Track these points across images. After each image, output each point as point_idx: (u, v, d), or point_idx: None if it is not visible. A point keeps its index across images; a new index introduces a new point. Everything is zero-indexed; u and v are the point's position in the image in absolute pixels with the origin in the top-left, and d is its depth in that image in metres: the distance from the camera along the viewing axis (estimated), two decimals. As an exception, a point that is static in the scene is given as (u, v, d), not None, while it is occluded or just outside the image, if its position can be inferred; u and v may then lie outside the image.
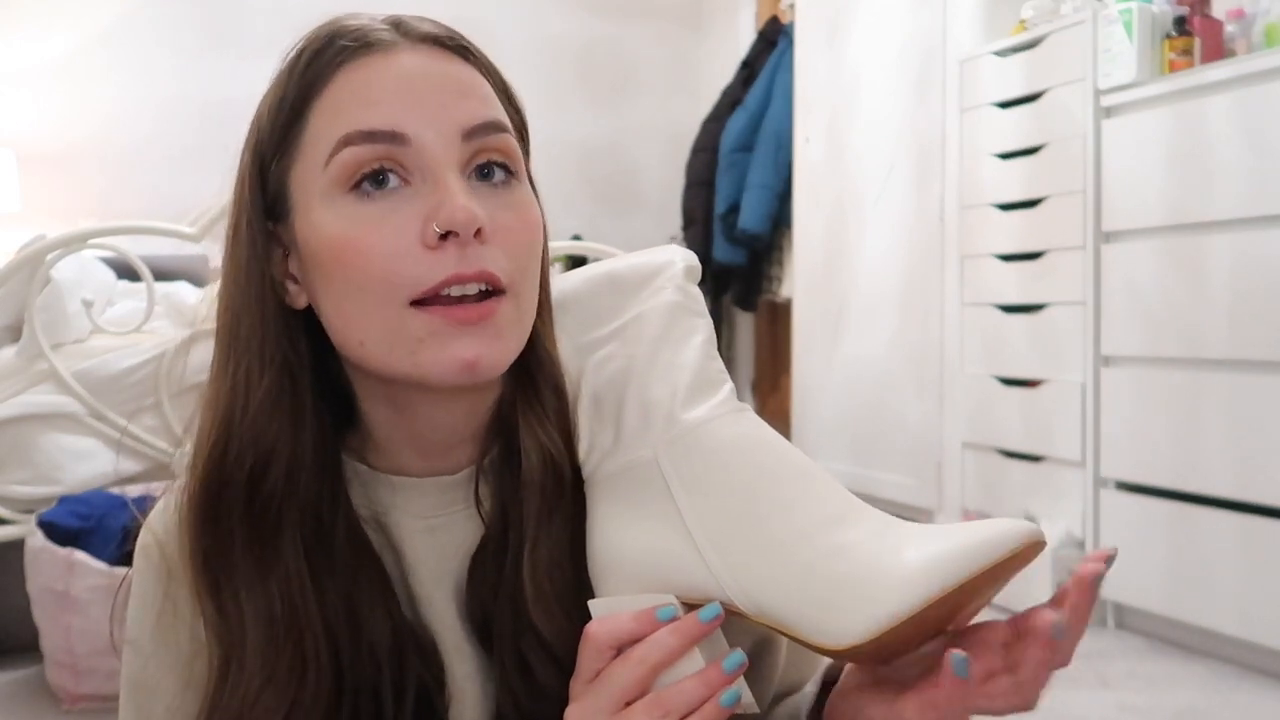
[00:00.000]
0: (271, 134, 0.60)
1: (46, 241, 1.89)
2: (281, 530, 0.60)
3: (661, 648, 0.54)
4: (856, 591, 0.49)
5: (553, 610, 0.60)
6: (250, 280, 0.60)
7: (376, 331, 0.57)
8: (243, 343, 0.60)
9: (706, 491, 0.54)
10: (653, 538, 0.55)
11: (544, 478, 0.61)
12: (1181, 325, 2.19)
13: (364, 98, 0.57)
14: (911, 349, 3.04)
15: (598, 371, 0.61)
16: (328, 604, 0.60)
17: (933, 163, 2.95)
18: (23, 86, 3.58)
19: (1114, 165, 2.35)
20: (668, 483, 0.55)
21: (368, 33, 0.59)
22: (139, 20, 3.75)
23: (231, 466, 0.60)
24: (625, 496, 0.57)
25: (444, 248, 0.56)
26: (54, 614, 1.77)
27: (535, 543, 0.61)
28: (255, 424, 0.59)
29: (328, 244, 0.57)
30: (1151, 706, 1.94)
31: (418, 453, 0.64)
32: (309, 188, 0.58)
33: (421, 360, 0.57)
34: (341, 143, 0.57)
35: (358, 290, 0.57)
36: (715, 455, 0.55)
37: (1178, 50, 2.25)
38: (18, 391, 1.85)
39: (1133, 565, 2.32)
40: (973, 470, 2.79)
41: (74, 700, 1.80)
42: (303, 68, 0.59)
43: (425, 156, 0.57)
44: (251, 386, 0.60)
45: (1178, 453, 2.20)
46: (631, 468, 0.57)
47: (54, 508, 1.83)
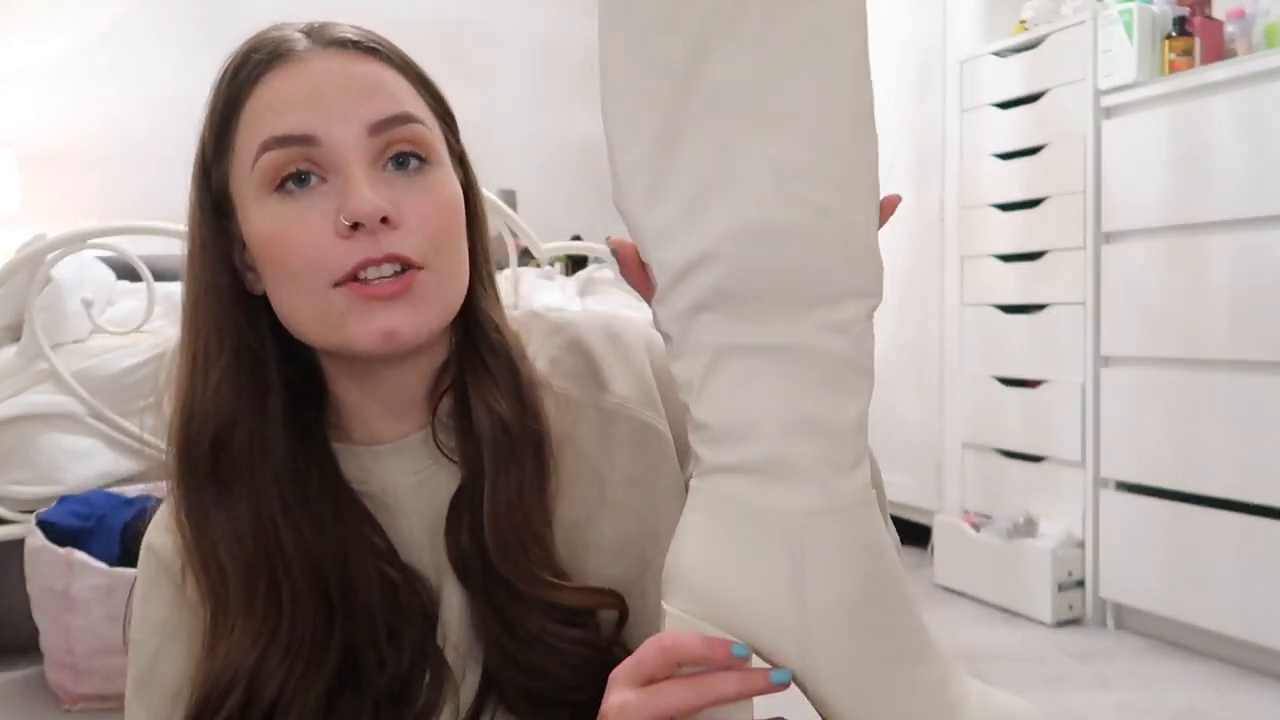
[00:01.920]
0: (210, 141, 0.67)
1: (46, 241, 1.89)
2: (253, 482, 0.66)
3: (725, 689, 0.54)
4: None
5: (513, 555, 0.66)
6: (204, 269, 0.67)
7: (309, 312, 0.64)
8: (200, 324, 0.67)
9: (829, 578, 0.53)
10: (754, 587, 0.54)
11: (494, 434, 0.67)
12: (1181, 325, 2.19)
13: (277, 106, 0.64)
14: (911, 349, 3.04)
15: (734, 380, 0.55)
16: (308, 544, 0.66)
17: (933, 163, 2.95)
18: (23, 86, 3.58)
19: (1114, 165, 2.35)
20: (797, 550, 0.53)
21: (280, 44, 0.66)
22: (139, 20, 3.74)
23: (196, 434, 0.66)
24: (733, 528, 0.55)
25: (356, 236, 0.62)
26: (54, 614, 1.77)
27: (493, 490, 0.67)
28: (216, 395, 0.66)
29: (262, 239, 0.64)
30: (1151, 706, 1.94)
31: (387, 416, 0.70)
32: (243, 190, 0.65)
33: (348, 333, 0.63)
34: (261, 148, 0.63)
35: (289, 277, 0.64)
36: (848, 547, 0.54)
37: (1178, 50, 2.25)
38: (18, 391, 1.85)
39: (1133, 565, 2.32)
40: (973, 470, 2.79)
41: (74, 700, 1.80)
42: (227, 81, 0.66)
43: (335, 154, 0.63)
44: (209, 366, 0.66)
45: (1178, 453, 2.20)
46: (750, 509, 0.54)
47: (54, 508, 1.83)
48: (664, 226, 0.54)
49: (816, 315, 0.54)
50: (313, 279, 0.63)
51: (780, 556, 0.53)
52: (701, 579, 0.55)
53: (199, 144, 0.67)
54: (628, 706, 0.54)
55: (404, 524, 0.69)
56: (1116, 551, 2.36)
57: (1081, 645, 2.29)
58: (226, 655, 0.64)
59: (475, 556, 0.67)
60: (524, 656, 0.66)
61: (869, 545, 0.54)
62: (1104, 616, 2.42)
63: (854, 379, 0.55)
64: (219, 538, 0.65)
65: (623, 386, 0.73)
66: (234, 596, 0.65)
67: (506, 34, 4.27)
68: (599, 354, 0.74)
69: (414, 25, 4.70)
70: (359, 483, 0.70)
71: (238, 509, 0.66)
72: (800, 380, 0.54)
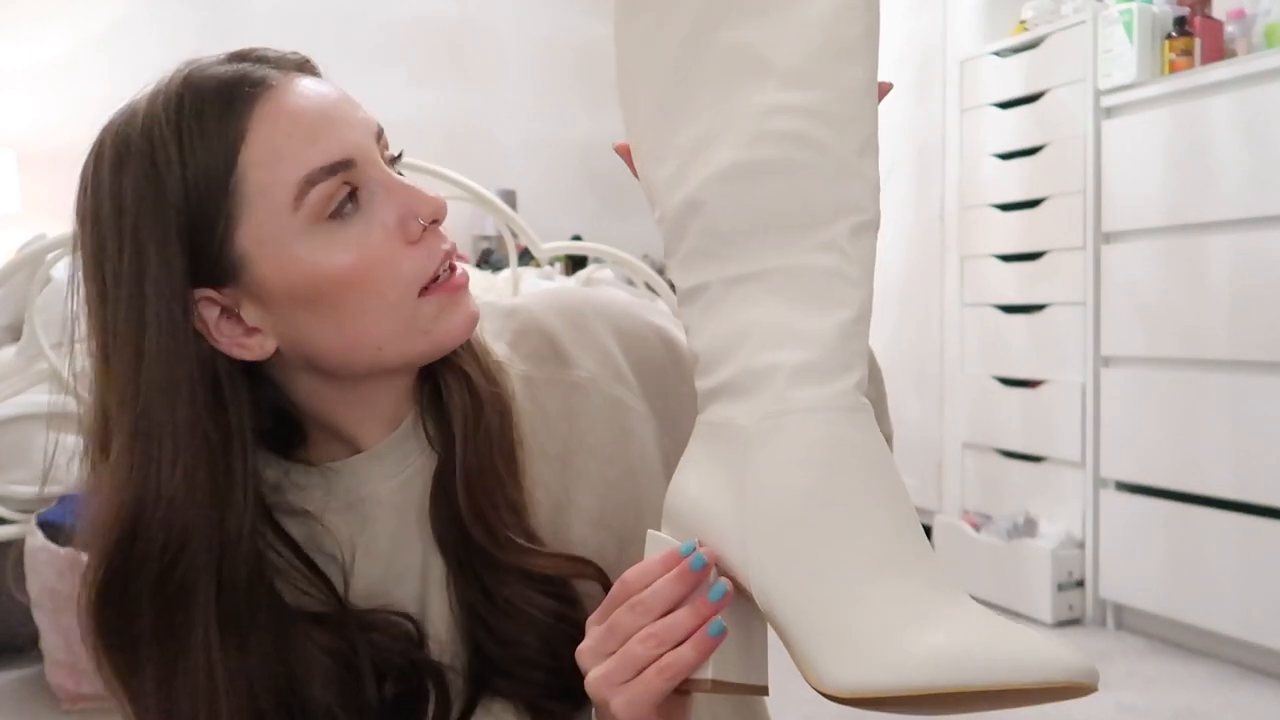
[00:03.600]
0: (200, 205, 0.58)
1: (46, 241, 1.89)
2: (192, 614, 0.60)
3: (664, 597, 0.54)
4: (857, 649, 0.48)
5: (487, 520, 0.65)
6: (169, 365, 0.59)
7: (392, 329, 0.62)
8: (155, 429, 0.59)
9: (773, 481, 0.52)
10: (710, 495, 0.55)
11: (462, 400, 0.67)
12: (1181, 325, 2.19)
13: (301, 136, 0.59)
14: (911, 349, 3.04)
15: (724, 309, 0.56)
16: (253, 674, 0.62)
17: (933, 163, 2.95)
18: (23, 86, 3.58)
19: (1114, 165, 2.35)
20: (747, 454, 0.53)
21: (244, 80, 0.60)
22: (139, 20, 3.74)
23: (139, 558, 0.60)
24: (709, 448, 0.56)
25: (425, 237, 0.62)
26: (54, 614, 1.77)
27: (464, 457, 0.66)
28: (170, 507, 0.59)
29: (329, 273, 0.60)
30: (1151, 706, 1.94)
31: (376, 423, 0.68)
32: (273, 235, 0.59)
33: (437, 334, 0.63)
34: (306, 183, 0.59)
35: (370, 301, 0.61)
36: (804, 450, 0.52)
37: (1178, 51, 2.25)
38: (18, 391, 1.85)
39: (1133, 565, 2.32)
40: (973, 470, 2.79)
41: (74, 700, 1.80)
42: (212, 125, 0.58)
43: (367, 169, 0.62)
44: (163, 470, 0.59)
45: (1178, 453, 2.20)
46: (723, 428, 0.55)
47: (54, 508, 1.83)
48: (665, 179, 0.57)
49: (804, 239, 0.54)
50: (401, 292, 0.61)
51: (733, 464, 0.54)
52: (677, 500, 0.57)
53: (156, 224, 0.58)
54: (590, 651, 0.56)
55: (385, 529, 0.68)
56: (1116, 551, 2.36)
57: (1081, 645, 2.29)
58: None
59: (454, 527, 0.66)
60: (503, 627, 0.66)
61: (834, 447, 0.52)
62: (1104, 616, 2.42)
63: (840, 289, 0.54)
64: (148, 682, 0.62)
65: (589, 362, 0.73)
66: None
67: (506, 34, 4.26)
68: (557, 332, 0.74)
69: (414, 25, 4.68)
70: (325, 507, 0.67)
71: (175, 650, 0.61)
72: (780, 295, 0.54)
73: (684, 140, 0.56)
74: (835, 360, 0.53)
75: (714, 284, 0.55)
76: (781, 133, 0.54)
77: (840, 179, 0.54)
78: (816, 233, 0.54)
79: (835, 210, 0.54)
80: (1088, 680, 0.45)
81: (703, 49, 0.56)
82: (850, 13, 0.55)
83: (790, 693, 0.70)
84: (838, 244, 0.54)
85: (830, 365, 0.53)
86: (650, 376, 0.74)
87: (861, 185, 0.55)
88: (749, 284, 0.55)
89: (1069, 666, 0.45)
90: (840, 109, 0.54)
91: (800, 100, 0.54)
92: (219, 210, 0.59)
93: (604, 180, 4.31)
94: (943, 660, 0.46)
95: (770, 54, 0.55)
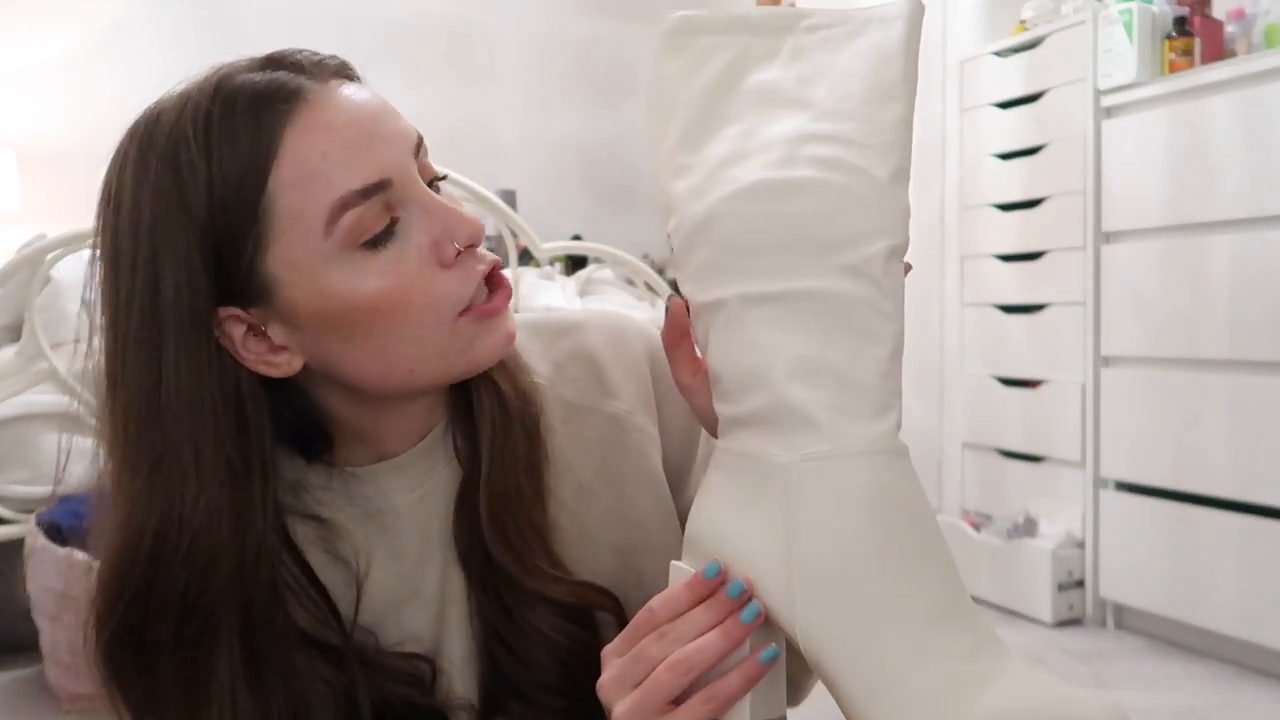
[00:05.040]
0: (227, 225, 0.56)
1: (46, 241, 1.89)
2: (217, 644, 0.58)
3: (695, 624, 0.52)
4: (917, 706, 0.47)
5: (511, 542, 0.64)
6: (191, 386, 0.57)
7: (430, 353, 0.60)
8: (174, 459, 0.57)
9: (822, 526, 0.50)
10: (746, 532, 0.52)
11: (491, 415, 0.65)
12: (1181, 325, 2.19)
13: (336, 156, 0.56)
14: (911, 349, 3.01)
15: (746, 330, 0.54)
16: (270, 704, 0.60)
17: (933, 163, 2.95)
18: (23, 86, 3.58)
19: (1114, 165, 2.35)
20: (789, 497, 0.51)
21: (287, 86, 0.57)
22: (138, 21, 3.74)
23: (162, 594, 0.57)
24: (740, 481, 0.53)
25: (462, 260, 0.60)
26: (54, 614, 1.76)
27: (489, 477, 0.64)
28: (194, 543, 0.57)
29: (358, 303, 0.57)
30: (1151, 707, 1.94)
31: (400, 435, 0.67)
32: (304, 259, 0.57)
33: (475, 354, 0.61)
34: (339, 207, 0.56)
35: (404, 328, 0.59)
36: (847, 494, 0.50)
37: (1178, 50, 2.25)
38: (17, 391, 1.85)
39: (1133, 565, 2.32)
40: (973, 470, 2.79)
41: (74, 700, 1.80)
42: (248, 142, 0.56)
43: (405, 189, 0.59)
44: (186, 506, 0.57)
45: (1178, 453, 2.20)
46: (756, 462, 0.53)
47: (54, 508, 1.83)
48: (686, 190, 0.56)
49: (829, 260, 0.52)
50: (438, 318, 0.59)
51: (774, 503, 0.51)
52: (707, 532, 0.54)
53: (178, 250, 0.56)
54: (612, 683, 0.54)
55: (407, 542, 0.67)
56: (1116, 551, 2.36)
57: (1081, 645, 2.29)
58: None
59: (477, 542, 0.65)
60: (523, 648, 0.64)
61: (880, 494, 0.50)
62: (1104, 616, 2.42)
63: (874, 323, 0.52)
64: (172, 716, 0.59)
65: (628, 393, 0.72)
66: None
67: (506, 34, 4.26)
68: (605, 360, 0.72)
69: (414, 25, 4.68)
70: (345, 513, 0.66)
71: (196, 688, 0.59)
72: (811, 325, 0.52)
73: (710, 156, 0.56)
74: (875, 401, 0.52)
75: (731, 301, 0.53)
76: (812, 156, 0.54)
77: (873, 201, 0.53)
78: (844, 254, 0.52)
79: (864, 231, 0.53)
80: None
81: (738, 85, 0.57)
82: (892, 60, 0.55)
83: (790, 692, 0.69)
84: (869, 271, 0.52)
85: (870, 406, 0.51)
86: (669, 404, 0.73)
87: (895, 209, 0.54)
88: (772, 305, 0.53)
89: (1109, 712, 0.46)
90: (875, 139, 0.54)
91: (834, 129, 0.54)
92: (247, 231, 0.56)
93: (604, 180, 4.31)
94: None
95: (805, 94, 0.56)
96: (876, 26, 0.57)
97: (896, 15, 0.56)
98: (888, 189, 0.54)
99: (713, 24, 0.59)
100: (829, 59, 0.56)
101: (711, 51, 0.58)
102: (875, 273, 0.52)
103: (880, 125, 0.54)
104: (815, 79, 0.56)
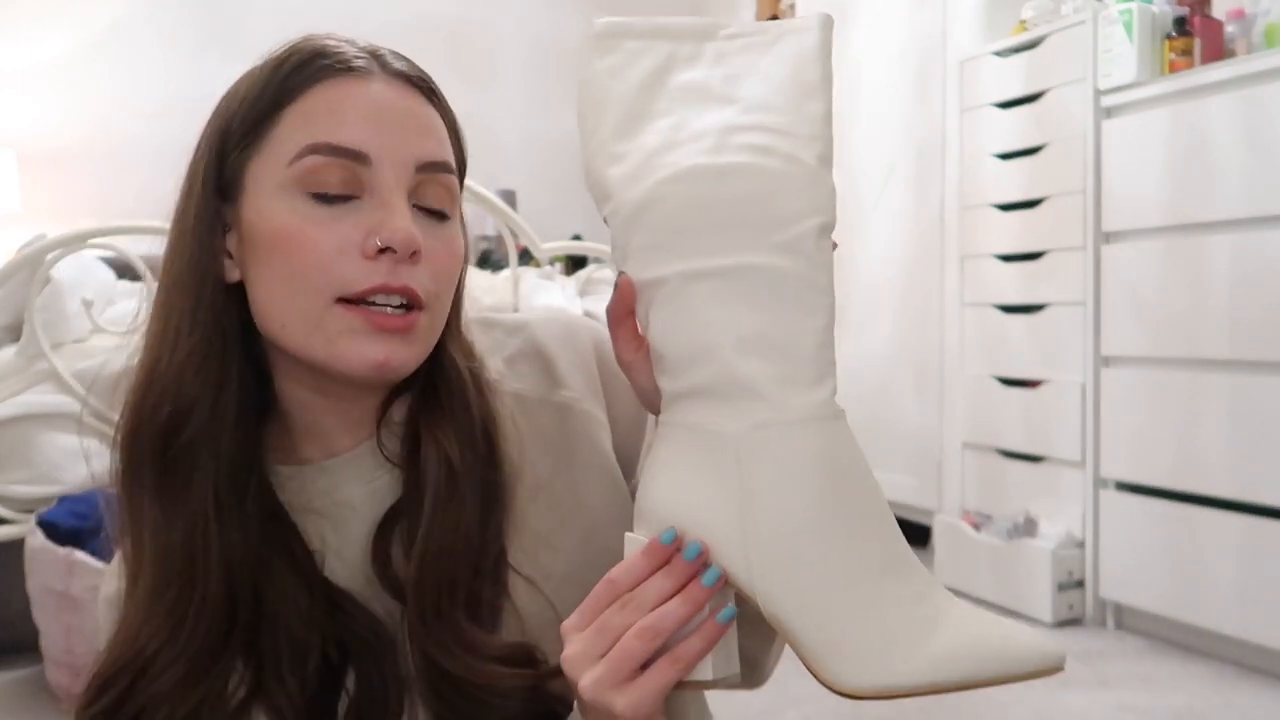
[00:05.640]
0: (240, 123, 0.65)
1: (46, 241, 1.89)
2: (192, 478, 0.64)
3: (657, 591, 0.54)
4: (873, 651, 0.52)
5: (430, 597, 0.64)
6: (191, 247, 0.65)
7: (299, 318, 0.63)
8: (175, 303, 0.65)
9: (775, 493, 0.53)
10: (703, 504, 0.55)
11: (438, 475, 0.66)
12: (1181, 325, 2.20)
13: (337, 114, 0.63)
14: (911, 349, 3.04)
15: (688, 306, 0.56)
16: (231, 555, 0.64)
17: (933, 163, 2.95)
18: (23, 86, 3.58)
19: (1114, 165, 2.35)
20: (740, 465, 0.54)
21: (349, 58, 0.65)
22: (138, 21, 3.75)
23: (149, 413, 0.65)
24: (689, 452, 0.56)
25: (379, 260, 0.62)
26: (54, 614, 1.76)
27: (428, 531, 0.65)
28: (178, 378, 0.64)
29: (274, 232, 0.63)
30: (1151, 706, 1.94)
31: (342, 427, 0.70)
32: (266, 178, 0.64)
33: (337, 351, 0.63)
34: (309, 149, 0.62)
35: (291, 278, 0.62)
36: (796, 460, 0.53)
37: (1178, 50, 2.25)
38: (17, 391, 1.85)
39: (1133, 565, 2.32)
40: (973, 470, 2.79)
41: (74, 700, 1.80)
42: (286, 73, 0.64)
43: (381, 177, 0.63)
44: (178, 344, 0.65)
45: (1178, 453, 2.20)
46: (704, 433, 0.55)
47: (54, 507, 1.83)
48: (621, 176, 0.58)
49: (765, 238, 0.56)
50: (319, 288, 0.62)
51: (727, 472, 0.54)
52: (659, 505, 0.56)
53: (218, 122, 0.66)
54: (579, 656, 0.54)
55: (357, 535, 0.68)
56: (1116, 551, 2.36)
57: (1081, 645, 2.29)
58: (131, 639, 0.64)
59: (396, 584, 0.66)
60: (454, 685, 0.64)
61: (826, 458, 0.54)
62: (1104, 616, 2.42)
63: (809, 296, 0.56)
64: (147, 525, 0.65)
65: (576, 381, 0.75)
66: (147, 587, 0.64)
67: (506, 34, 4.27)
68: (553, 353, 0.75)
69: (414, 25, 4.69)
70: (301, 504, 0.68)
71: (174, 501, 0.64)
72: (751, 299, 0.55)
73: (643, 145, 0.58)
74: (815, 370, 0.55)
75: (672, 279, 0.56)
76: (743, 144, 0.57)
77: (804, 183, 0.57)
78: (778, 232, 0.56)
79: (800, 211, 0.56)
80: (1061, 665, 0.52)
81: (665, 83, 0.61)
82: (811, 63, 0.60)
83: (790, 692, 0.70)
84: (802, 247, 0.56)
85: (811, 375, 0.55)
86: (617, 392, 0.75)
87: (823, 190, 0.57)
88: (712, 281, 0.55)
89: (1048, 655, 0.52)
90: (801, 130, 0.58)
91: (762, 120, 0.58)
92: (251, 135, 0.64)
93: (604, 180, 4.29)
94: (952, 660, 0.52)
95: (731, 91, 0.60)
96: (793, 35, 0.61)
97: (810, 26, 0.61)
98: (816, 171, 0.57)
99: (640, 29, 0.62)
100: (752, 61, 0.61)
101: (639, 54, 0.61)
102: (808, 249, 0.56)
103: (805, 118, 0.58)
104: (739, 79, 0.60)
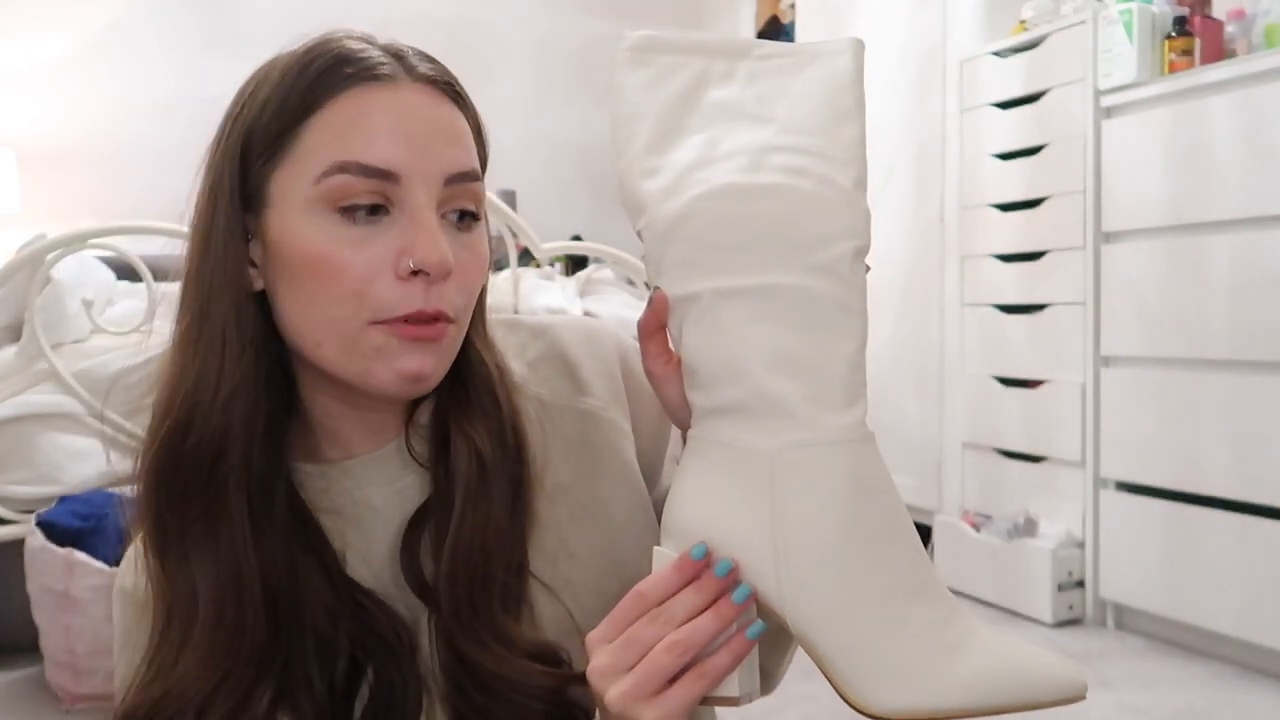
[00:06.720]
0: (263, 133, 0.62)
1: (46, 241, 1.89)
2: (228, 500, 0.63)
3: (686, 605, 0.54)
4: (902, 674, 0.52)
5: (463, 591, 0.64)
6: (226, 261, 0.63)
7: (335, 339, 0.62)
8: (215, 323, 0.63)
9: (807, 513, 0.53)
10: (734, 521, 0.55)
11: (468, 468, 0.66)
12: (1181, 325, 2.20)
13: (365, 128, 0.61)
14: (911, 349, 3.04)
15: (721, 323, 0.56)
16: (267, 566, 0.63)
17: (933, 163, 2.95)
18: (23, 86, 3.58)
19: (1114, 165, 2.35)
20: (772, 484, 0.54)
21: (373, 64, 0.63)
22: (138, 21, 3.74)
23: (191, 450, 0.62)
24: (721, 468, 0.56)
25: (411, 282, 0.61)
26: (54, 614, 1.76)
27: (459, 525, 0.65)
28: (225, 409, 0.62)
29: (306, 254, 0.61)
30: (1151, 706, 1.94)
31: (365, 430, 0.69)
32: (292, 194, 0.62)
33: (372, 369, 0.62)
34: (337, 167, 0.60)
35: (325, 302, 0.61)
36: (829, 481, 0.54)
37: (1178, 50, 2.25)
38: (17, 391, 1.85)
39: (1133, 565, 2.32)
40: (973, 470, 2.79)
41: (74, 700, 1.80)
42: (310, 80, 0.62)
43: (411, 194, 0.61)
44: (225, 370, 0.62)
45: (1178, 453, 2.20)
46: (737, 450, 0.55)
47: (54, 508, 1.83)
48: (656, 190, 0.58)
49: (800, 259, 0.56)
50: (354, 311, 0.61)
51: (759, 490, 0.54)
52: (689, 521, 0.56)
53: (238, 129, 0.63)
54: (606, 670, 0.54)
55: (380, 536, 0.68)
56: (1116, 551, 2.36)
57: (1081, 645, 2.29)
58: (179, 679, 0.62)
59: (435, 579, 0.65)
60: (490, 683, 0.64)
61: (857, 480, 0.54)
62: (1104, 616, 2.42)
63: (842, 319, 0.56)
64: (194, 562, 0.63)
65: (600, 388, 0.74)
66: (202, 617, 0.62)
67: (506, 34, 4.26)
68: (578, 359, 0.74)
69: (414, 25, 4.72)
70: (323, 504, 0.68)
71: (215, 527, 0.63)
72: (784, 319, 0.55)
73: (677, 160, 0.58)
74: (846, 391, 0.55)
75: (705, 295, 0.56)
76: (779, 165, 0.57)
77: (839, 206, 0.57)
78: (813, 253, 0.56)
79: (832, 233, 0.56)
80: (1084, 694, 0.53)
81: (699, 100, 0.61)
82: (845, 89, 0.60)
83: (790, 692, 0.70)
84: (837, 270, 0.56)
85: (842, 397, 0.55)
86: (641, 401, 0.75)
87: (859, 214, 0.57)
88: (745, 300, 0.56)
89: (1073, 682, 0.52)
90: (837, 153, 0.58)
91: (797, 142, 0.58)
92: (274, 146, 0.62)
93: (604, 180, 4.30)
94: (979, 684, 0.52)
95: (765, 111, 0.60)
96: (825, 59, 0.61)
97: (842, 50, 0.61)
98: (852, 195, 0.57)
99: (674, 44, 0.62)
100: (785, 82, 0.61)
101: (673, 69, 0.61)
102: (843, 271, 0.56)
103: (840, 142, 0.58)
104: (773, 99, 0.60)
